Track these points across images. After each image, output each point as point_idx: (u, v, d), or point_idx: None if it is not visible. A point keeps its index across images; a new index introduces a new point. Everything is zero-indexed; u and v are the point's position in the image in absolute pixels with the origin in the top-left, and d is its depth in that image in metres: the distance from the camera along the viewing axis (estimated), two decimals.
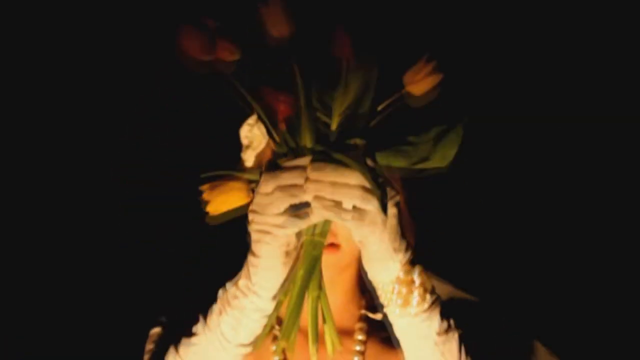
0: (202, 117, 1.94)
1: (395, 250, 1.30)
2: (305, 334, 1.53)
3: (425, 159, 1.31)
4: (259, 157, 1.48)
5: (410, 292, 1.31)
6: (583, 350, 1.92)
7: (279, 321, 1.54)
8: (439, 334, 1.34)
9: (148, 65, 1.88)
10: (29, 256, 1.92)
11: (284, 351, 1.51)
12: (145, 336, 1.62)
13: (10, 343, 1.90)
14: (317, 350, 1.50)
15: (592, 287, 1.96)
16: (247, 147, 1.47)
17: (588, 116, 1.92)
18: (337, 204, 1.25)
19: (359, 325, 1.53)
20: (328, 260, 1.45)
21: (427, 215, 1.54)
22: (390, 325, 1.45)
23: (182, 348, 1.39)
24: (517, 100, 1.90)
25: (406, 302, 1.31)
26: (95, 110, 1.91)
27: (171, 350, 1.40)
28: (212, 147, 1.67)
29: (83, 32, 1.89)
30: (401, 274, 1.30)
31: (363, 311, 1.54)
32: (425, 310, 1.33)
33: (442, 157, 1.31)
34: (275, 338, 1.52)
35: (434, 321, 1.33)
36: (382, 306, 1.54)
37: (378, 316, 1.53)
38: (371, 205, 1.25)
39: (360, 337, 1.52)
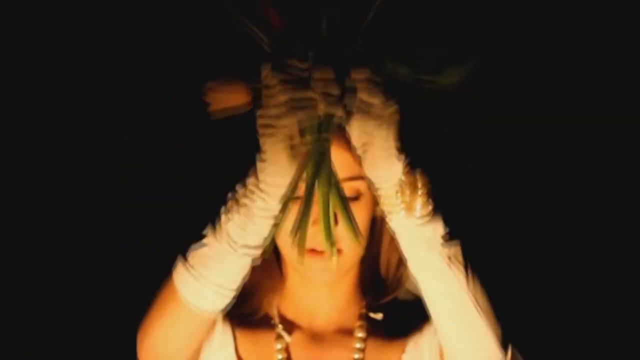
0: (202, 117, 1.94)
1: (398, 149, 1.31)
2: (306, 332, 1.54)
3: (430, 74, 1.32)
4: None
5: (414, 195, 1.32)
6: (581, 350, 1.93)
7: (281, 319, 1.54)
8: (443, 237, 1.35)
9: (148, 65, 1.88)
10: (29, 256, 1.91)
11: (287, 349, 1.52)
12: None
13: (10, 343, 1.90)
14: (319, 349, 1.52)
15: (592, 288, 1.96)
16: None
17: (588, 116, 1.92)
18: (345, 107, 1.28)
19: (359, 323, 1.54)
20: (330, 265, 1.45)
21: None
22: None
23: (191, 254, 1.39)
24: (516, 101, 1.91)
25: (410, 207, 1.32)
26: (95, 110, 1.91)
27: (179, 259, 1.40)
28: (212, 147, 1.68)
29: (83, 32, 1.88)
30: (403, 177, 1.32)
31: (364, 310, 1.55)
32: (429, 213, 1.34)
33: (447, 78, 1.32)
34: (278, 337, 1.53)
35: (439, 225, 1.35)
36: (380, 309, 1.55)
37: (378, 316, 1.54)
38: (377, 99, 1.28)
39: (360, 334, 1.53)
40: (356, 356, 1.51)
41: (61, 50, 1.89)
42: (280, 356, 1.51)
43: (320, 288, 1.53)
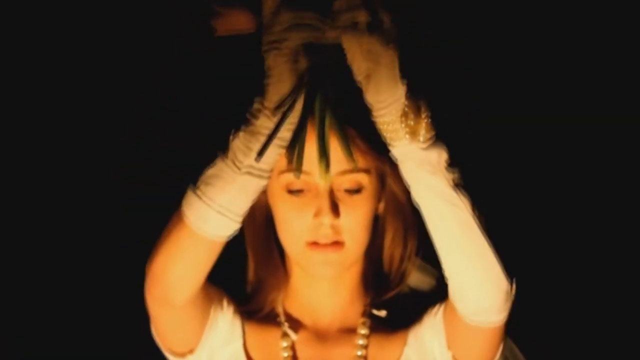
0: (202, 117, 1.94)
1: (401, 77, 1.32)
2: (311, 330, 1.54)
3: None
4: None
5: (419, 119, 1.34)
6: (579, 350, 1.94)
7: (287, 317, 1.55)
8: (447, 162, 1.35)
9: (148, 65, 1.88)
10: (29, 256, 1.91)
11: (293, 347, 1.53)
12: (145, 336, 1.62)
13: (10, 343, 1.89)
14: (324, 347, 1.52)
15: (591, 288, 1.96)
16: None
17: (587, 117, 1.93)
18: (353, 23, 1.28)
19: (362, 320, 1.54)
20: (332, 258, 1.46)
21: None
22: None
23: (200, 180, 1.39)
24: (516, 101, 1.91)
25: (415, 131, 1.33)
26: (95, 110, 1.91)
27: (189, 187, 1.40)
28: (211, 147, 1.68)
29: (83, 32, 1.88)
30: (407, 101, 1.33)
31: (367, 307, 1.55)
32: (432, 137, 1.35)
33: None
34: (284, 334, 1.53)
35: (442, 150, 1.35)
36: (383, 306, 1.56)
37: (382, 313, 1.54)
38: (387, 17, 1.29)
39: (363, 331, 1.53)
40: (359, 353, 1.52)
41: (61, 51, 1.89)
42: (286, 354, 1.52)
43: (324, 285, 1.53)
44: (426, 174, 1.35)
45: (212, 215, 1.36)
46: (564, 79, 1.91)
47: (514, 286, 1.40)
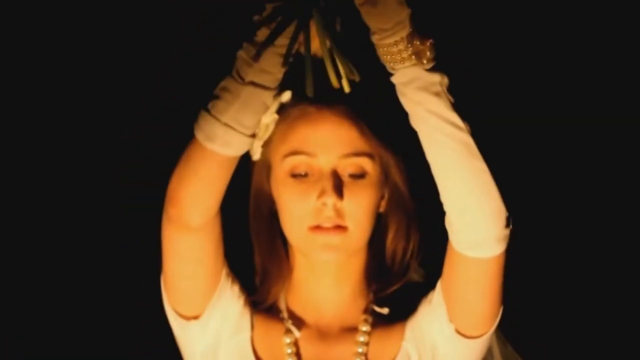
0: None
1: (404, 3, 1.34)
2: (313, 327, 1.55)
3: None
4: (265, 148, 1.51)
5: (424, 42, 1.34)
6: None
7: (290, 313, 1.55)
8: (447, 86, 1.36)
9: (148, 65, 1.88)
10: (29, 256, 1.91)
11: (296, 343, 1.53)
12: (145, 337, 1.61)
13: (10, 343, 1.89)
14: (326, 343, 1.52)
15: (590, 288, 1.96)
16: (254, 136, 1.49)
17: (586, 117, 1.93)
18: None
19: (364, 317, 1.55)
20: (335, 241, 1.46)
21: (426, 213, 1.56)
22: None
23: (210, 103, 1.41)
24: (515, 101, 1.91)
25: (420, 53, 1.35)
26: (95, 110, 1.91)
27: (201, 113, 1.42)
28: None
29: (83, 33, 1.88)
30: (410, 28, 1.34)
31: (369, 304, 1.55)
32: (435, 58, 1.36)
33: None
34: (287, 331, 1.53)
35: (443, 74, 1.36)
36: (385, 303, 1.56)
37: (384, 310, 1.55)
38: None
39: (364, 328, 1.54)
40: (360, 350, 1.53)
41: (61, 51, 1.89)
42: (289, 350, 1.52)
43: (326, 279, 1.54)
44: (429, 95, 1.36)
45: (219, 129, 1.39)
46: (562, 79, 1.92)
47: (511, 219, 1.41)
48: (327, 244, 1.47)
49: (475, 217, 1.38)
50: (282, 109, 1.49)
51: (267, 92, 1.40)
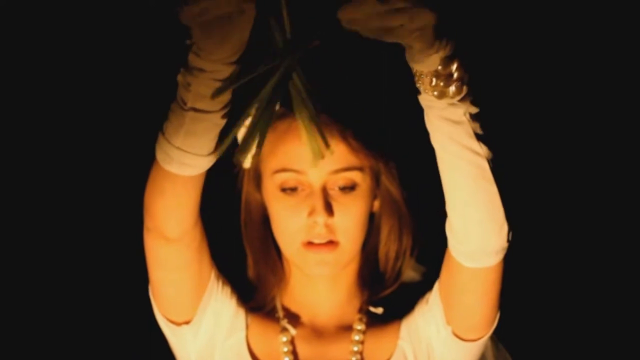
0: None
1: (437, 43, 1.24)
2: (309, 326, 1.56)
3: None
4: (254, 159, 1.51)
5: (448, 85, 1.28)
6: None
7: (285, 312, 1.56)
8: (472, 114, 1.31)
9: (148, 65, 1.89)
10: (29, 256, 1.91)
11: (292, 342, 1.54)
12: (145, 337, 1.62)
13: (10, 343, 1.90)
14: (322, 342, 1.53)
15: (589, 288, 1.97)
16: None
17: (586, 117, 1.93)
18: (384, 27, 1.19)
19: (358, 316, 1.56)
20: (328, 258, 1.47)
21: (425, 211, 1.56)
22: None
23: (164, 125, 1.36)
24: (514, 101, 1.92)
25: (441, 94, 1.28)
26: (95, 110, 1.91)
27: (159, 134, 1.37)
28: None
29: (83, 33, 1.89)
30: (440, 67, 1.26)
31: (364, 304, 1.56)
32: (460, 96, 1.29)
33: None
34: (283, 329, 1.54)
35: (470, 104, 1.31)
36: (380, 303, 1.57)
37: (379, 310, 1.56)
38: (422, 16, 1.19)
39: (359, 327, 1.55)
40: (355, 348, 1.54)
41: (61, 51, 1.89)
42: (285, 348, 1.54)
43: (321, 283, 1.55)
44: (450, 124, 1.32)
45: (174, 152, 1.35)
46: (561, 79, 1.92)
47: (511, 233, 1.40)
48: (320, 261, 1.49)
49: (478, 232, 1.38)
50: None
51: (213, 115, 1.32)
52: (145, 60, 1.88)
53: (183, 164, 1.35)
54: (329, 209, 1.46)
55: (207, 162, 1.37)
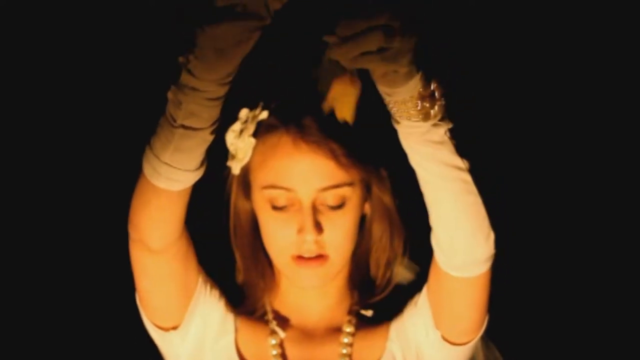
0: None
1: (414, 69, 1.25)
2: (298, 329, 1.56)
3: None
4: (244, 166, 1.50)
5: (432, 106, 1.29)
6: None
7: (275, 315, 1.56)
8: (450, 131, 1.32)
9: (148, 64, 1.89)
10: (28, 256, 1.91)
11: (281, 344, 1.54)
12: (145, 338, 1.62)
13: (10, 343, 1.90)
14: (311, 345, 1.53)
15: (589, 288, 1.96)
16: (233, 156, 1.48)
17: (585, 117, 1.93)
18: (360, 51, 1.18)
19: (348, 318, 1.56)
20: (318, 272, 1.47)
21: (416, 219, 1.56)
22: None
23: (152, 140, 1.36)
24: (513, 101, 1.91)
25: (428, 115, 1.29)
26: (95, 110, 1.91)
27: (146, 148, 1.38)
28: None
29: (83, 33, 1.89)
30: (421, 89, 1.27)
31: (354, 307, 1.56)
32: (442, 114, 1.30)
33: None
34: (273, 332, 1.54)
35: (448, 122, 1.32)
36: (370, 306, 1.57)
37: (369, 313, 1.56)
38: (396, 42, 1.18)
39: (348, 329, 1.55)
40: (344, 351, 1.55)
41: (61, 51, 1.90)
42: (275, 351, 1.54)
43: (311, 290, 1.54)
44: (433, 145, 1.32)
45: (161, 167, 1.35)
46: (560, 79, 1.92)
47: (495, 240, 1.41)
48: (310, 275, 1.49)
49: (465, 246, 1.39)
50: (259, 129, 1.48)
51: (202, 132, 1.33)
52: (145, 60, 1.89)
53: (170, 179, 1.36)
54: (318, 227, 1.46)
55: (194, 177, 1.38)
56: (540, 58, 1.91)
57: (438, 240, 1.41)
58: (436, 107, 1.29)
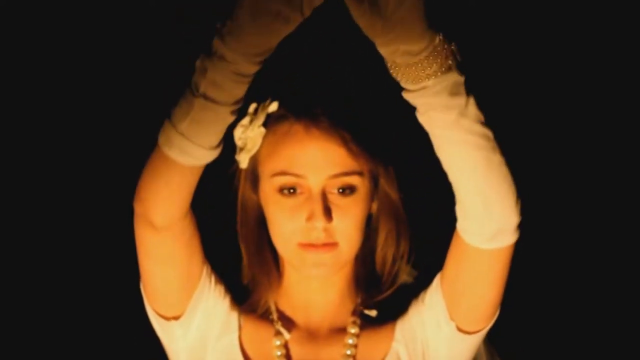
0: None
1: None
2: (303, 328, 1.56)
3: None
4: (253, 159, 1.51)
5: (449, 55, 1.31)
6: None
7: (279, 315, 1.56)
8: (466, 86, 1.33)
9: (147, 64, 1.89)
10: (29, 256, 1.91)
11: (286, 345, 1.54)
12: (146, 338, 1.62)
13: (10, 343, 1.90)
14: (315, 345, 1.53)
15: (589, 288, 1.97)
16: (242, 149, 1.49)
17: (584, 116, 1.93)
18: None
19: (352, 319, 1.56)
20: (326, 258, 1.47)
21: (421, 215, 1.56)
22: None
23: (172, 110, 1.36)
24: (512, 101, 1.91)
25: (449, 67, 1.31)
26: (95, 110, 1.91)
27: (165, 122, 1.38)
28: None
29: (83, 33, 1.89)
30: (436, 42, 1.29)
31: (358, 307, 1.56)
32: (459, 65, 1.32)
33: None
34: (277, 332, 1.54)
35: (469, 95, 1.32)
36: (374, 306, 1.57)
37: (373, 313, 1.56)
38: None
39: (353, 330, 1.55)
40: (348, 352, 1.54)
41: (61, 51, 1.89)
42: (279, 352, 1.53)
43: (315, 283, 1.55)
44: (451, 112, 1.32)
45: (176, 137, 1.35)
46: (559, 80, 1.92)
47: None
48: (317, 261, 1.48)
49: (500, 210, 1.37)
50: (269, 120, 1.49)
51: (222, 108, 1.33)
52: (145, 59, 1.89)
53: (183, 151, 1.36)
54: (327, 213, 1.46)
55: (206, 156, 1.38)
56: (540, 58, 1.91)
57: (468, 210, 1.40)
58: (456, 56, 1.31)
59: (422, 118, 1.36)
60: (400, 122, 1.47)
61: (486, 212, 1.38)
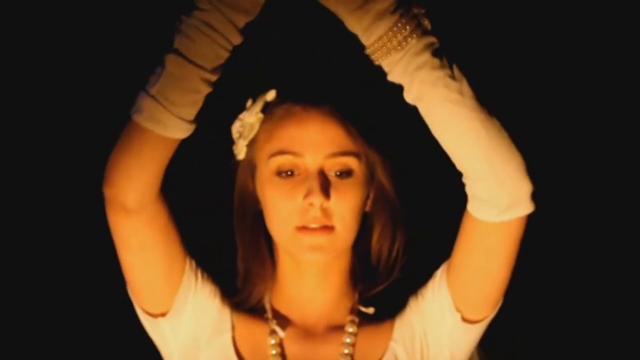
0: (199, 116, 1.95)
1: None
2: (299, 327, 1.56)
3: None
4: (250, 148, 1.51)
5: (419, 19, 1.34)
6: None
7: (274, 313, 1.56)
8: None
9: (147, 64, 1.89)
10: (28, 256, 1.92)
11: (281, 344, 1.53)
12: (145, 338, 1.62)
13: (10, 343, 1.90)
14: (311, 344, 1.53)
15: (588, 289, 1.96)
16: (239, 137, 1.50)
17: (584, 116, 1.93)
18: None
19: (350, 317, 1.56)
20: (322, 241, 1.46)
21: (417, 208, 1.56)
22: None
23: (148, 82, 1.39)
24: (511, 101, 1.91)
25: (423, 30, 1.34)
26: (95, 109, 1.91)
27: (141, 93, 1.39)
28: (207, 145, 1.68)
29: (83, 33, 1.89)
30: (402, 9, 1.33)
31: (355, 304, 1.56)
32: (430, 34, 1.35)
33: None
34: (272, 331, 1.54)
35: (443, 54, 1.35)
36: (371, 302, 1.56)
37: (370, 310, 1.56)
38: None
39: (350, 329, 1.55)
40: (346, 351, 1.54)
41: (61, 51, 1.90)
42: (274, 351, 1.53)
43: (311, 278, 1.55)
44: (429, 56, 1.35)
45: (146, 101, 1.37)
46: (560, 80, 1.92)
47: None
48: (314, 245, 1.48)
49: (508, 172, 1.38)
50: (267, 108, 1.50)
51: (193, 69, 1.35)
52: (145, 59, 1.89)
53: (153, 116, 1.37)
54: (325, 191, 1.47)
55: (177, 127, 1.38)
56: (540, 58, 1.91)
57: (477, 182, 1.40)
58: (424, 20, 1.34)
59: (411, 95, 1.37)
60: (398, 113, 1.47)
61: (495, 178, 1.38)
